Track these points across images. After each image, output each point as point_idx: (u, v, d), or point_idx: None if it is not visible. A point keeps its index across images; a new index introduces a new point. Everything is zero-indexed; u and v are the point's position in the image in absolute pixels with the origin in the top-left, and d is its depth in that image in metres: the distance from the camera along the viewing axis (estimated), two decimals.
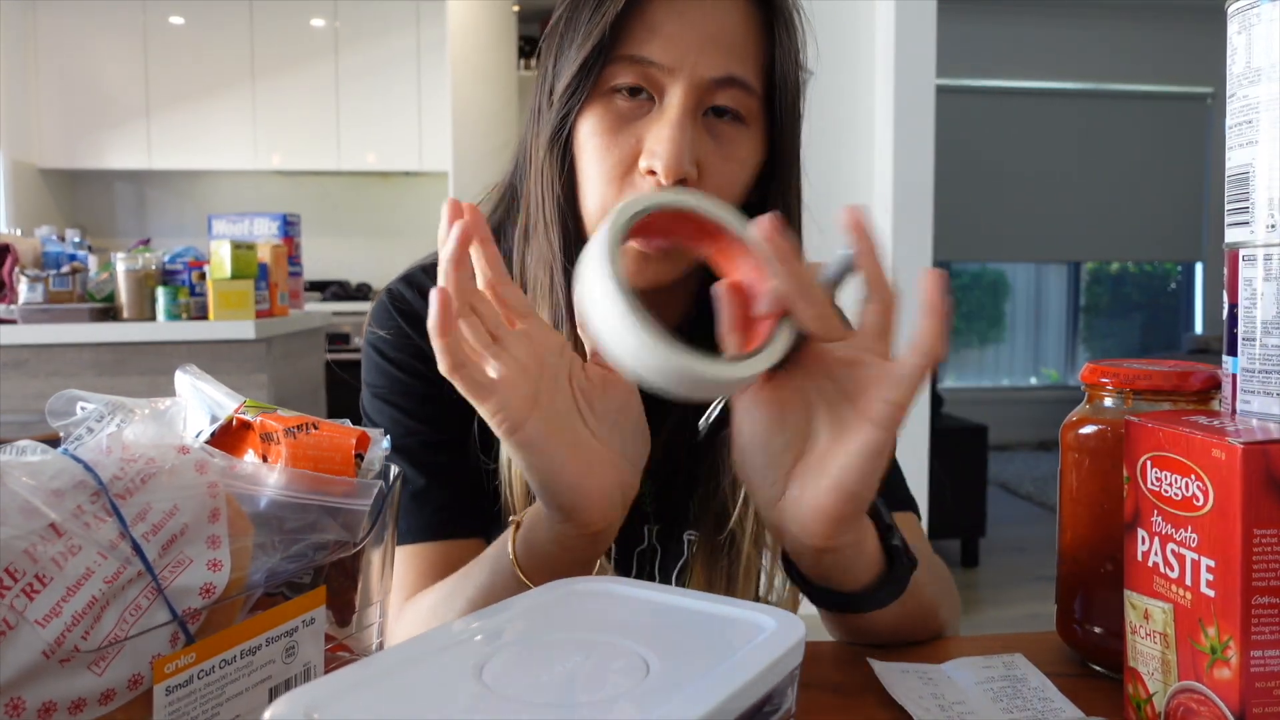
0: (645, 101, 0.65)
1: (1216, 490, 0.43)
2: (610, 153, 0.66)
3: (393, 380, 0.74)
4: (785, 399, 0.53)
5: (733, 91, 0.65)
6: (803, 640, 0.38)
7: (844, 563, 0.56)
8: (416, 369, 0.74)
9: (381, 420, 0.74)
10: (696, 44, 0.64)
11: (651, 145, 0.64)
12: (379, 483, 0.44)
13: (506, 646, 0.36)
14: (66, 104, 5.02)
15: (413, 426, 0.73)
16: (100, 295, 2.59)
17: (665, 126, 0.63)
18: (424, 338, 0.75)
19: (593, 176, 0.67)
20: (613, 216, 0.52)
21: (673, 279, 0.68)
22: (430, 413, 0.73)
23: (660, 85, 0.65)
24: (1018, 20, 5.86)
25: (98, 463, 0.36)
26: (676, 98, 0.64)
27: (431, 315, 0.47)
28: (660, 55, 0.64)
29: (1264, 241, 0.47)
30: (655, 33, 0.64)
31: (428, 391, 0.73)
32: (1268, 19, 0.46)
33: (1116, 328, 6.57)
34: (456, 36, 4.54)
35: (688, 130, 0.63)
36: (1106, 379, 0.57)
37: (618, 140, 0.65)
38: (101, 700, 0.34)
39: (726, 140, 0.66)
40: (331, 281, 5.19)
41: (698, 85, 0.64)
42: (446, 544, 0.71)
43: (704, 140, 0.65)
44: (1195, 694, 0.44)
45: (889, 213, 2.80)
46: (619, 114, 0.66)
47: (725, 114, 0.66)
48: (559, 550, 0.55)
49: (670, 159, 0.62)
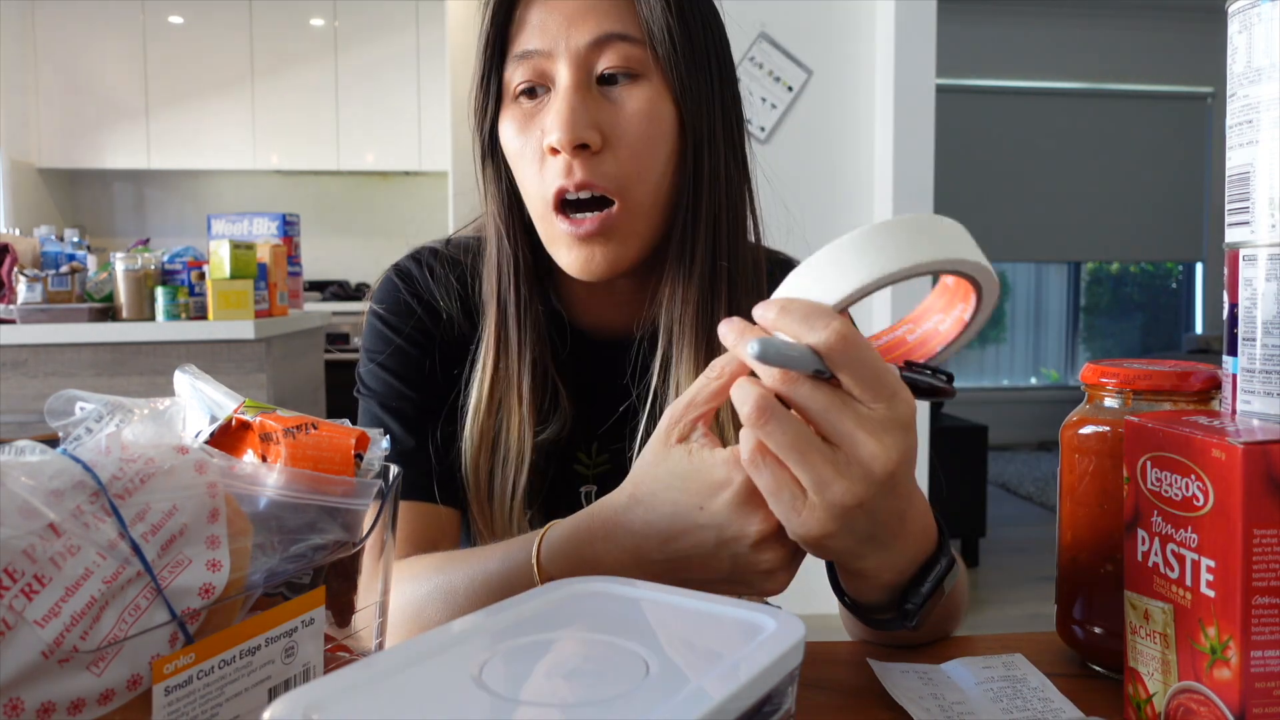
0: (544, 95, 0.69)
1: (1217, 490, 0.43)
2: (525, 150, 0.70)
3: (392, 347, 0.77)
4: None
5: (615, 48, 0.68)
6: (803, 640, 0.37)
7: (863, 585, 0.55)
8: (416, 339, 0.77)
9: (377, 385, 0.77)
10: (565, 20, 0.68)
11: (547, 125, 0.67)
12: (378, 483, 0.44)
13: (506, 647, 0.36)
14: (66, 104, 5.02)
15: (406, 392, 0.76)
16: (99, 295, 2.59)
17: (554, 101, 0.67)
18: (427, 312, 0.77)
19: (521, 180, 0.71)
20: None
21: (625, 264, 0.71)
22: (425, 383, 0.77)
23: (548, 73, 0.68)
24: (1018, 20, 5.86)
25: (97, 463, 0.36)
26: (562, 75, 0.67)
27: None
28: (538, 42, 0.68)
29: (1264, 241, 0.47)
30: (529, 26, 0.69)
31: (424, 362, 0.77)
32: (1268, 18, 0.46)
33: (1116, 328, 6.57)
34: (456, 36, 4.54)
35: (575, 100, 0.67)
36: (1107, 379, 0.57)
37: (527, 138, 0.69)
38: (100, 700, 0.33)
39: (623, 99, 0.69)
40: (331, 281, 5.19)
41: (577, 56, 0.67)
42: (431, 507, 0.74)
43: (603, 107, 0.68)
44: (1195, 694, 0.44)
45: (889, 213, 2.80)
46: (524, 114, 0.70)
47: (619, 78, 0.69)
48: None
49: (562, 128, 0.66)
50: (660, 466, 0.51)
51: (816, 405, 0.45)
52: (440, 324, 0.78)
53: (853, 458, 0.46)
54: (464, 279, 0.79)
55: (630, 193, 0.68)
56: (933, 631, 0.64)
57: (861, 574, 0.53)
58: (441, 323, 0.78)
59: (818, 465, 0.45)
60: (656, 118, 0.69)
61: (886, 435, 0.46)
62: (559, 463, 0.77)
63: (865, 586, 0.55)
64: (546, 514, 0.73)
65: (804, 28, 2.86)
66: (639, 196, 0.69)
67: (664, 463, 0.51)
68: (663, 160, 0.70)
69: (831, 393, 0.46)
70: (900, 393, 0.46)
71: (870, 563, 0.51)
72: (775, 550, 0.50)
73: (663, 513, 0.51)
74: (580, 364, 0.78)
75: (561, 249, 0.70)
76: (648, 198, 0.69)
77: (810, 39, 2.87)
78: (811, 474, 0.46)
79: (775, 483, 0.47)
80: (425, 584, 0.61)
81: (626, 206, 0.68)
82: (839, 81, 2.88)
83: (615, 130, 0.67)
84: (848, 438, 0.45)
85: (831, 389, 0.46)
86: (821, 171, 2.90)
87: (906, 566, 0.54)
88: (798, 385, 0.45)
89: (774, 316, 0.46)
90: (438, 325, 0.78)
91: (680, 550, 0.51)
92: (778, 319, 0.46)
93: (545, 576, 0.55)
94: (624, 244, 0.69)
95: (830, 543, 0.48)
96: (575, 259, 0.69)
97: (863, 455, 0.46)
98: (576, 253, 0.69)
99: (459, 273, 0.80)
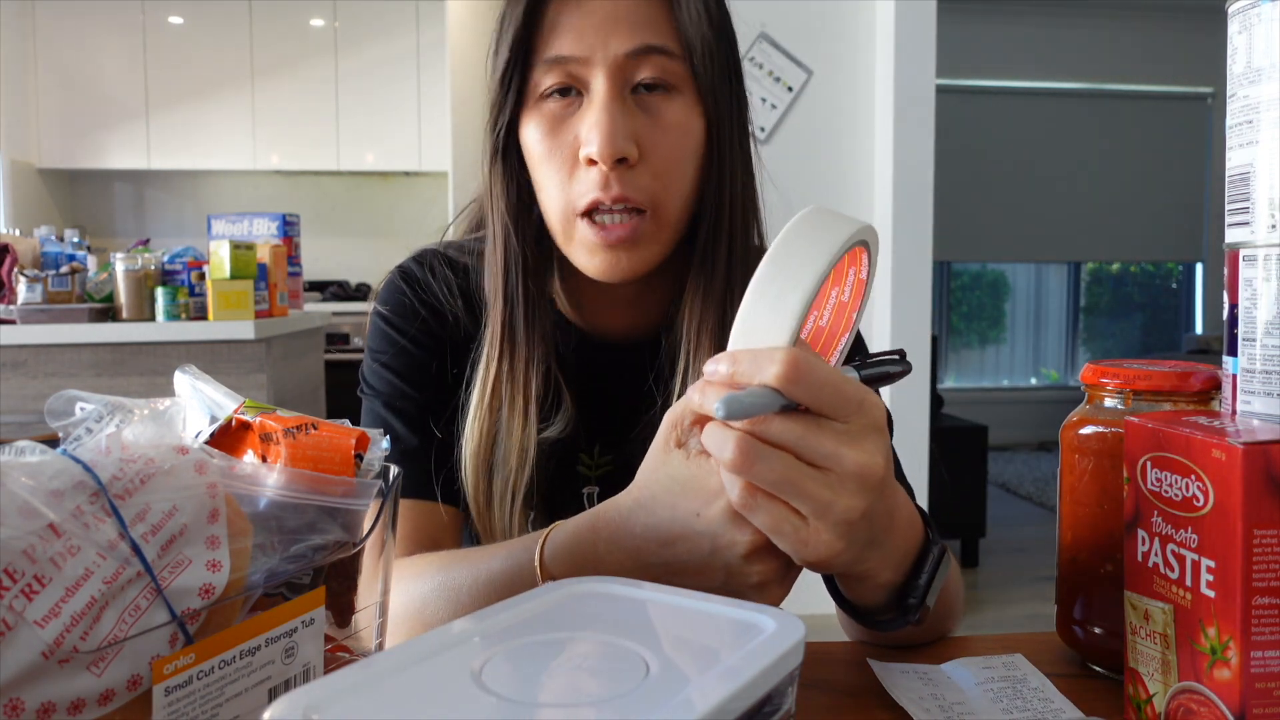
0: (575, 99, 0.69)
1: (1217, 491, 0.43)
2: (554, 154, 0.69)
3: (396, 347, 0.78)
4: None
5: (653, 60, 0.68)
6: (803, 640, 0.37)
7: (863, 588, 0.55)
8: (420, 340, 0.78)
9: (380, 384, 0.78)
10: (604, 27, 0.67)
11: (585, 134, 0.67)
12: (378, 483, 0.44)
13: (506, 647, 0.36)
14: (66, 104, 5.02)
15: (410, 392, 0.77)
16: (99, 295, 2.59)
17: (593, 112, 0.67)
18: (431, 313, 0.78)
19: (543, 182, 0.70)
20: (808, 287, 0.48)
21: (646, 269, 0.71)
22: (428, 383, 0.77)
23: (583, 79, 0.68)
24: (1018, 20, 5.86)
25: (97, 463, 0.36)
26: (600, 83, 0.67)
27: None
28: (573, 48, 0.67)
29: (1265, 242, 0.47)
30: (563, 30, 0.68)
31: (429, 363, 0.77)
32: (1268, 19, 0.46)
33: (1117, 328, 6.57)
34: (456, 36, 4.54)
35: (615, 111, 0.66)
36: (1107, 379, 0.57)
37: (558, 141, 0.69)
38: (100, 701, 0.33)
39: (659, 112, 0.69)
40: (331, 281, 5.19)
41: (615, 65, 0.67)
42: (432, 505, 0.74)
43: (638, 117, 0.68)
44: (1195, 694, 0.44)
45: (889, 213, 2.80)
46: (553, 116, 0.69)
47: (655, 88, 0.69)
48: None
49: (603, 142, 0.65)
50: (660, 471, 0.51)
51: (792, 436, 0.46)
52: (445, 325, 0.78)
53: (844, 475, 0.46)
54: (467, 279, 0.80)
55: (660, 204, 0.69)
56: (933, 629, 0.64)
57: (862, 577, 0.53)
58: (447, 324, 0.78)
59: (813, 491, 0.46)
60: (690, 132, 0.70)
61: (867, 442, 0.46)
62: (561, 463, 0.77)
63: (865, 589, 0.55)
64: (549, 515, 0.73)
65: (804, 28, 2.86)
66: (668, 207, 0.70)
67: (664, 467, 0.51)
68: (691, 172, 0.71)
69: (803, 420, 0.46)
70: (866, 398, 0.47)
71: (870, 564, 0.52)
72: (766, 563, 0.50)
73: (662, 516, 0.51)
74: (581, 364, 0.79)
75: (584, 253, 0.70)
76: (676, 208, 0.71)
77: (810, 39, 2.87)
78: (809, 501, 0.46)
79: (775, 519, 0.47)
80: (428, 582, 0.61)
81: (655, 216, 0.69)
82: (839, 81, 2.88)
83: (649, 143, 0.68)
84: (833, 458, 0.46)
85: (801, 416, 0.46)
86: (821, 172, 2.90)
87: (902, 560, 0.54)
88: (769, 424, 0.46)
89: (726, 370, 0.47)
90: (443, 326, 0.78)
91: (677, 556, 0.51)
92: (731, 373, 0.46)
93: (548, 576, 0.55)
94: (649, 250, 0.70)
95: (838, 560, 0.48)
96: (600, 263, 0.70)
97: (853, 469, 0.46)
98: (602, 257, 0.69)
99: (462, 273, 0.80)
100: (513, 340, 0.74)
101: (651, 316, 0.80)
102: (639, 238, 0.69)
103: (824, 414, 0.46)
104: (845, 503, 0.46)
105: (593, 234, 0.68)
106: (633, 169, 0.67)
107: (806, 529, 0.46)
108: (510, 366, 0.74)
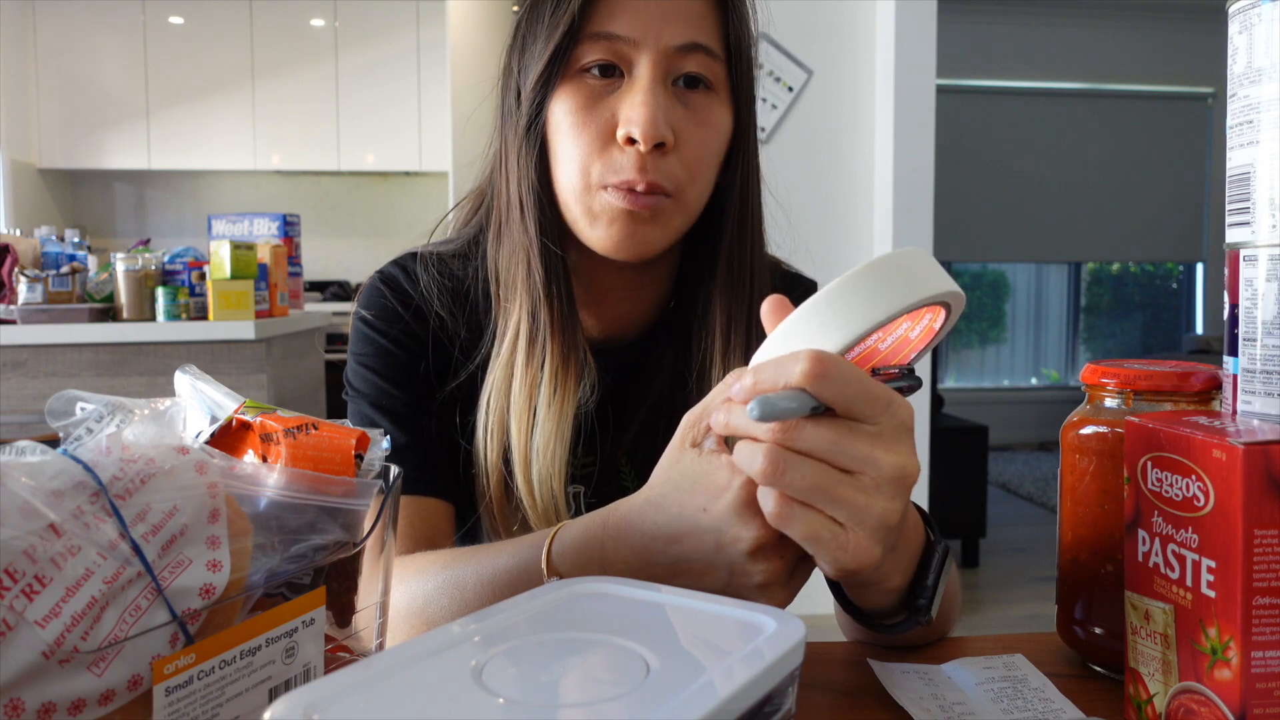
0: (615, 79, 0.69)
1: (1217, 491, 0.43)
2: (587, 128, 0.69)
3: (379, 349, 0.78)
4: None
5: (698, 58, 0.69)
6: (803, 640, 0.37)
7: (873, 593, 0.55)
8: (402, 342, 0.78)
9: (365, 386, 0.78)
10: (659, 16, 0.68)
11: (627, 114, 0.67)
12: (379, 483, 0.44)
13: (506, 647, 0.36)
14: (66, 104, 5.02)
15: (395, 392, 0.77)
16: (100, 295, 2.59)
17: (638, 93, 0.67)
18: (413, 316, 0.78)
19: (569, 154, 0.70)
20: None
21: (656, 250, 0.72)
22: (412, 382, 0.77)
23: (628, 59, 0.68)
24: (1018, 20, 5.86)
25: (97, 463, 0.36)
26: (645, 68, 0.68)
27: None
28: (626, 29, 0.68)
29: (1265, 242, 0.47)
30: (619, 9, 0.68)
31: (411, 364, 0.77)
32: (1269, 19, 0.46)
33: (1117, 328, 6.57)
34: (456, 36, 4.54)
35: (660, 96, 0.67)
36: (1107, 379, 0.57)
37: (593, 115, 0.69)
38: (101, 701, 0.33)
39: (698, 107, 0.70)
40: (331, 281, 5.19)
41: (664, 54, 0.68)
42: (426, 500, 0.75)
43: (676, 108, 0.69)
44: (1196, 695, 0.44)
45: (889, 213, 2.80)
46: (591, 91, 0.69)
47: (695, 83, 0.70)
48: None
49: (647, 124, 0.66)
50: (674, 469, 0.51)
51: (824, 442, 0.45)
52: (427, 326, 0.78)
53: (880, 477, 0.45)
54: (458, 276, 0.80)
55: (685, 194, 0.70)
56: (935, 629, 0.64)
57: (875, 582, 0.53)
58: (429, 324, 0.78)
59: (849, 496, 0.45)
60: (720, 131, 0.72)
61: (899, 444, 0.46)
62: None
63: (874, 594, 0.55)
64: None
65: (804, 28, 2.86)
66: (691, 198, 0.71)
67: (676, 465, 0.51)
68: (714, 170, 0.73)
69: (834, 425, 0.45)
70: (894, 397, 0.47)
71: (885, 568, 0.52)
72: (770, 561, 0.49)
73: (671, 514, 0.51)
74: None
75: (603, 222, 0.70)
76: (697, 202, 0.72)
77: (810, 39, 2.87)
78: (846, 507, 0.45)
79: (811, 527, 0.45)
80: (433, 579, 0.61)
81: (678, 204, 0.71)
82: (839, 82, 2.88)
83: (685, 134, 0.69)
84: (868, 461, 0.45)
85: (831, 422, 0.45)
86: (822, 172, 2.90)
87: (909, 563, 0.55)
88: (798, 433, 0.45)
89: (750, 382, 0.46)
90: (425, 327, 0.78)
91: (683, 553, 0.51)
92: (754, 384, 0.46)
93: (554, 574, 0.55)
94: (665, 229, 0.71)
95: (874, 565, 0.47)
96: (618, 231, 0.69)
97: (890, 472, 0.45)
98: (621, 225, 0.69)
99: (449, 273, 0.80)
100: (552, 311, 0.73)
101: (638, 317, 0.81)
102: (660, 216, 0.70)
103: (853, 414, 0.45)
104: (883, 505, 0.45)
105: (619, 199, 0.68)
106: (666, 156, 0.68)
107: (845, 535, 0.45)
108: (551, 331, 0.73)
